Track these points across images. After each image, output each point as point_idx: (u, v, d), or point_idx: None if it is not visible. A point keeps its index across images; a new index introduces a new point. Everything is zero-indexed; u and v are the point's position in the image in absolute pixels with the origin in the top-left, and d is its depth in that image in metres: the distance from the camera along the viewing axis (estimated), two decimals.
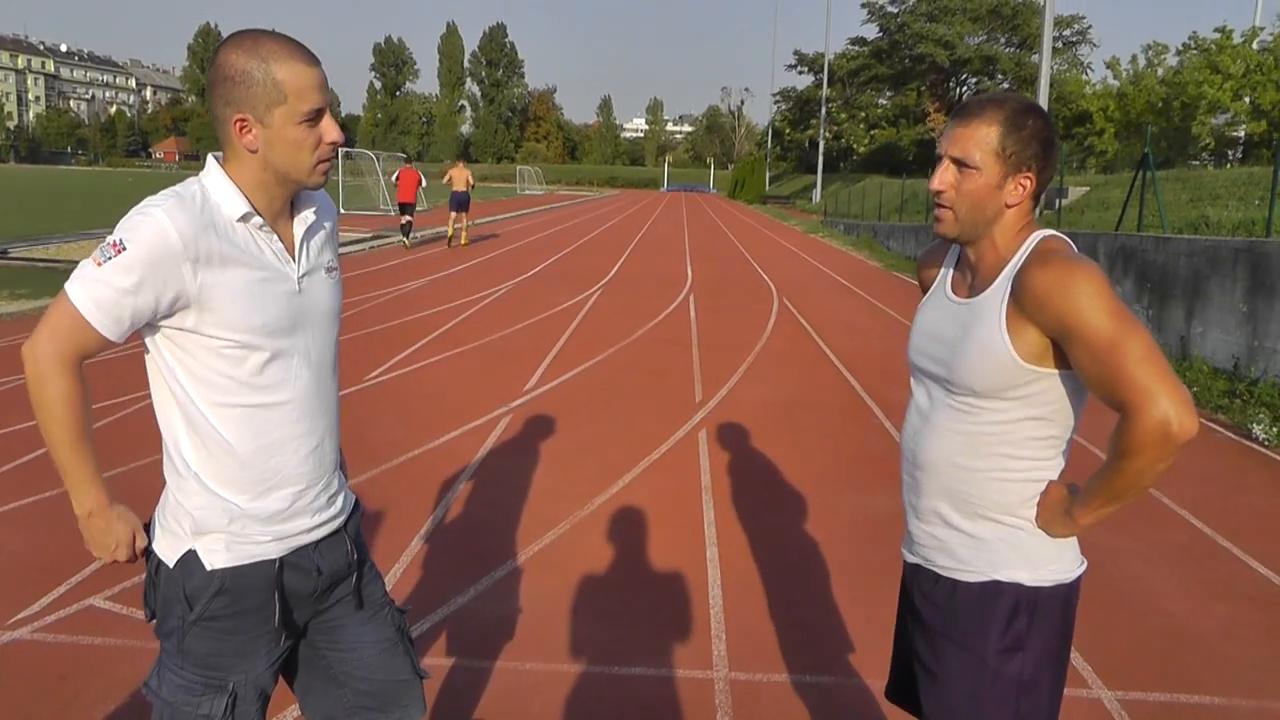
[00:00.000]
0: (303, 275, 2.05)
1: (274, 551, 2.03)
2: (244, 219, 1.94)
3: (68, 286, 1.86)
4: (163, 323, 1.91)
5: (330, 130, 1.97)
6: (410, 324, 12.00)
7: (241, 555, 1.99)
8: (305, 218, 2.07)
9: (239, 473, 1.98)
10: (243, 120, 1.90)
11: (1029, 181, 1.98)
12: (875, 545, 5.20)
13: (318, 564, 2.11)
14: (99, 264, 1.83)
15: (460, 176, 23.14)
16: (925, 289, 2.31)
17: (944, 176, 2.02)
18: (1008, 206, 2.00)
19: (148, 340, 1.97)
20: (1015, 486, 2.01)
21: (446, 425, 7.33)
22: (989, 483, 2.02)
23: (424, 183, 24.33)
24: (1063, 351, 1.89)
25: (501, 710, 3.56)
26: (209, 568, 1.98)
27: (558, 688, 3.72)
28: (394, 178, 24.96)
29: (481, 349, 10.58)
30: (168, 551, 2.01)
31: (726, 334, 12.06)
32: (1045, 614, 2.01)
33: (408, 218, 23.07)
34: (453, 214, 23.48)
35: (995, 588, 2.01)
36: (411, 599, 4.42)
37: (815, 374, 9.87)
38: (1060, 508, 1.98)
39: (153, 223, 1.83)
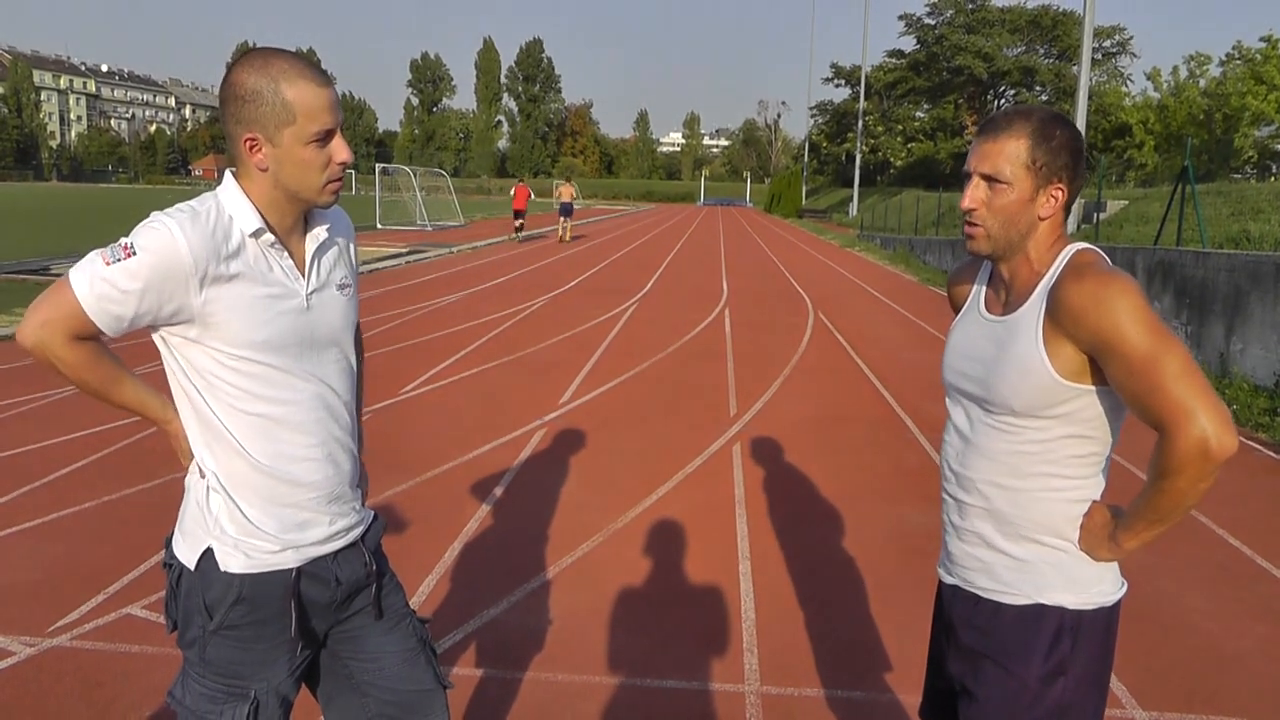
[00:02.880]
0: (311, 292, 2.07)
1: (290, 561, 2.06)
2: (255, 234, 1.97)
3: (71, 275, 1.87)
4: (164, 329, 1.95)
5: (340, 151, 1.98)
6: (447, 338, 12.09)
7: (259, 564, 2.03)
8: (317, 235, 2.10)
9: (254, 478, 2.01)
10: (253, 139, 1.92)
11: (1060, 193, 1.96)
12: (909, 560, 5.18)
13: (335, 574, 2.14)
14: (107, 262, 1.85)
15: (566, 192, 33.09)
16: (956, 307, 2.30)
17: (975, 194, 2.00)
18: (1040, 219, 1.98)
19: (158, 343, 2.00)
20: (1059, 507, 1.98)
21: (482, 438, 7.38)
22: (1033, 503, 1.99)
23: (532, 195, 33.64)
24: (1100, 367, 1.87)
25: None
26: (225, 569, 2.01)
27: (590, 699, 3.74)
28: (511, 191, 34.62)
29: (518, 362, 10.64)
30: (187, 554, 2.04)
31: (761, 348, 12.05)
32: (1088, 637, 1.98)
33: (520, 221, 31.89)
34: (561, 219, 32.91)
35: (1039, 611, 1.99)
36: (445, 609, 4.45)
37: (850, 388, 9.84)
38: (1104, 532, 1.95)
39: (166, 235, 1.86)
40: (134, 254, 1.84)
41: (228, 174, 2.02)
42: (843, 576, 5.01)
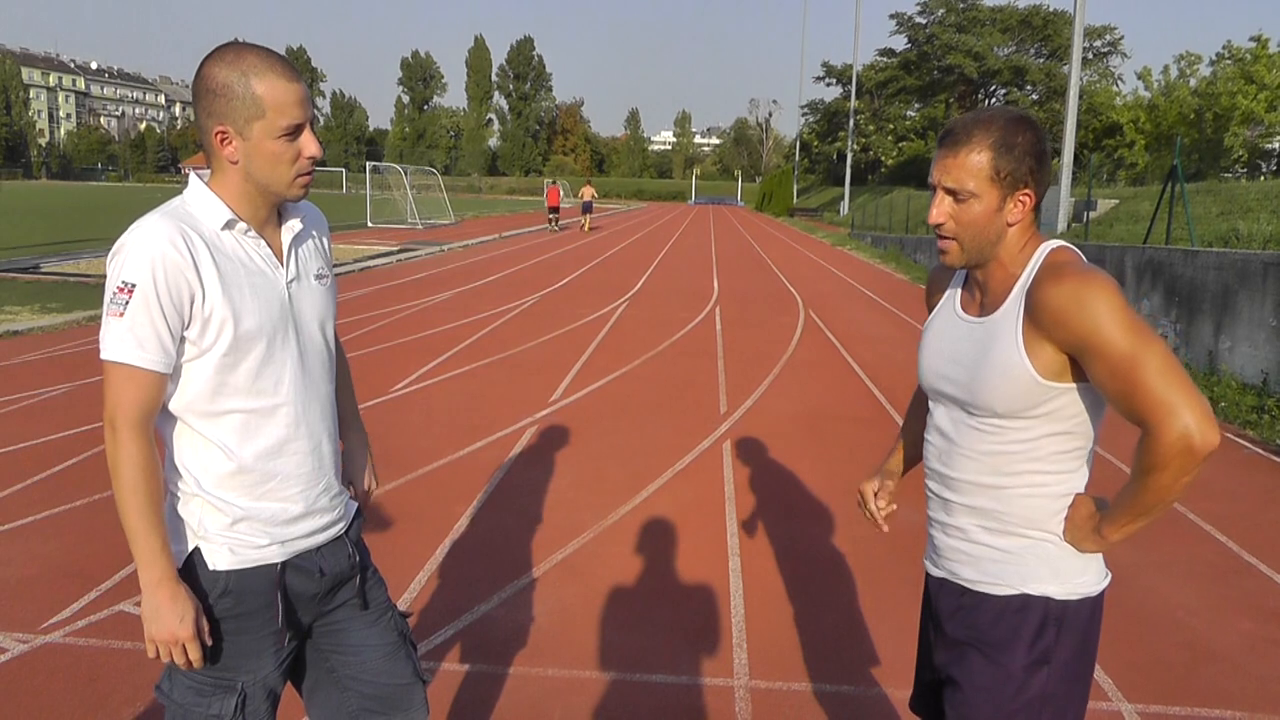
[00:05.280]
0: (290, 280, 2.10)
1: (275, 556, 2.08)
2: (228, 226, 2.00)
3: (105, 355, 1.91)
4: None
5: (309, 145, 2.01)
6: (438, 336, 12.09)
7: (244, 559, 2.05)
8: (292, 226, 2.13)
9: (238, 476, 2.02)
10: (223, 132, 1.95)
11: (1028, 198, 1.96)
12: (898, 556, 5.20)
13: (320, 565, 2.16)
14: (120, 315, 1.88)
15: (587, 192, 41.18)
16: (932, 309, 2.31)
17: (941, 209, 1.99)
18: (1009, 225, 1.97)
19: None
20: (1044, 501, 2.00)
21: (472, 436, 7.39)
22: (1018, 499, 2.01)
23: (563, 194, 42.06)
24: (1080, 365, 1.88)
25: (523, 716, 3.60)
26: (212, 568, 2.03)
27: (580, 694, 3.76)
28: (544, 192, 42.49)
29: (508, 360, 10.66)
30: (174, 553, 2.05)
31: (752, 346, 12.08)
32: (1072, 627, 2.00)
33: (553, 216, 39.18)
34: (584, 214, 40.63)
35: (1024, 601, 2.00)
36: (435, 606, 4.47)
37: (840, 386, 9.87)
38: (1089, 524, 1.97)
39: (145, 248, 1.89)
40: (134, 287, 1.88)
41: (193, 175, 2.06)
42: (832, 572, 5.04)
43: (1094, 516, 1.97)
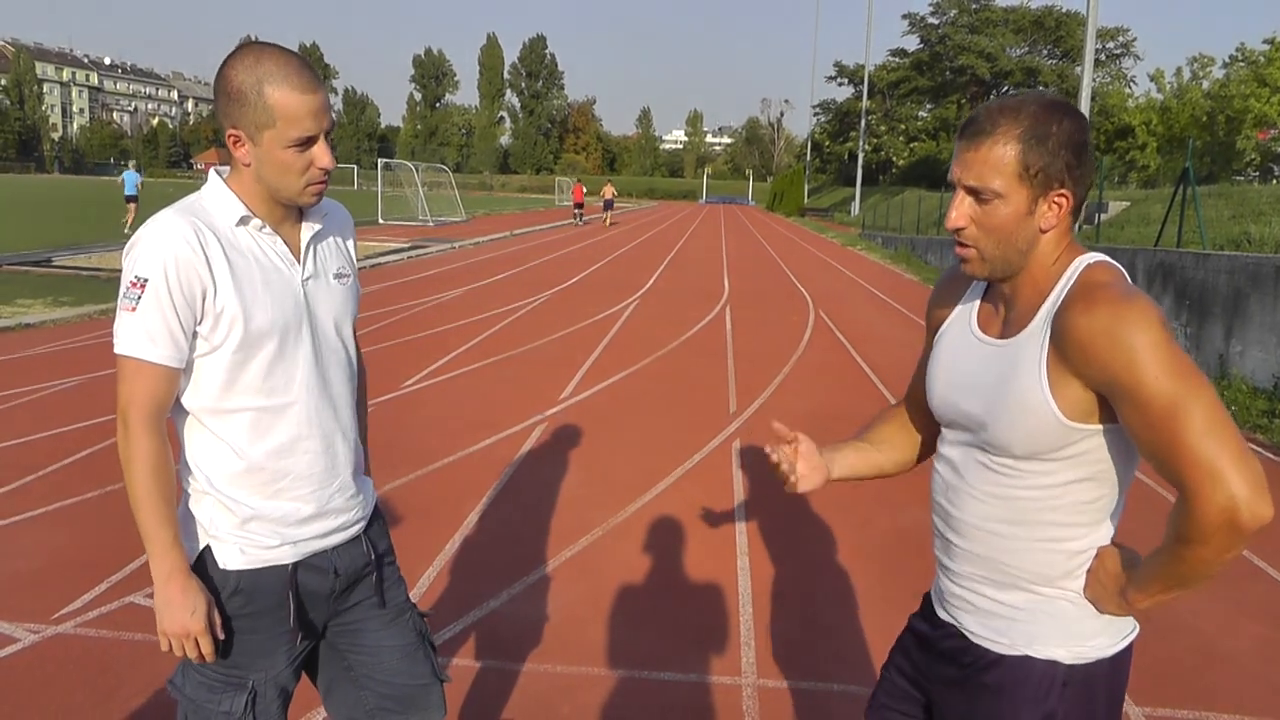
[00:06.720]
0: (307, 278, 2.09)
1: (287, 556, 2.07)
2: (242, 222, 2.00)
3: (118, 349, 1.91)
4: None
5: (322, 157, 1.98)
6: (447, 333, 12.11)
7: (255, 559, 2.04)
8: (313, 224, 2.12)
9: (248, 475, 2.02)
10: (235, 135, 1.95)
11: (1064, 199, 1.66)
12: (905, 557, 5.20)
13: (335, 564, 2.16)
14: (133, 309, 1.88)
15: (608, 190, 47.16)
16: (934, 326, 2.02)
17: (961, 210, 1.71)
18: (1042, 231, 1.69)
19: None
20: (1059, 558, 1.74)
21: (481, 433, 7.40)
22: (1031, 552, 1.75)
23: (585, 190, 46.76)
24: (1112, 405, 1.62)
25: (532, 712, 3.62)
26: (223, 566, 2.03)
27: (588, 691, 3.77)
28: (570, 189, 49.75)
29: (518, 358, 10.67)
30: (186, 550, 2.04)
31: (762, 346, 12.07)
32: (1084, 692, 1.74)
33: (579, 210, 44.70)
34: (605, 211, 45.96)
35: (1027, 664, 1.75)
36: (445, 602, 4.48)
37: (850, 387, 9.86)
38: (1115, 585, 1.70)
39: (158, 244, 1.89)
40: (146, 281, 1.88)
41: (212, 172, 2.07)
42: (840, 572, 5.04)
43: (1120, 577, 1.70)
